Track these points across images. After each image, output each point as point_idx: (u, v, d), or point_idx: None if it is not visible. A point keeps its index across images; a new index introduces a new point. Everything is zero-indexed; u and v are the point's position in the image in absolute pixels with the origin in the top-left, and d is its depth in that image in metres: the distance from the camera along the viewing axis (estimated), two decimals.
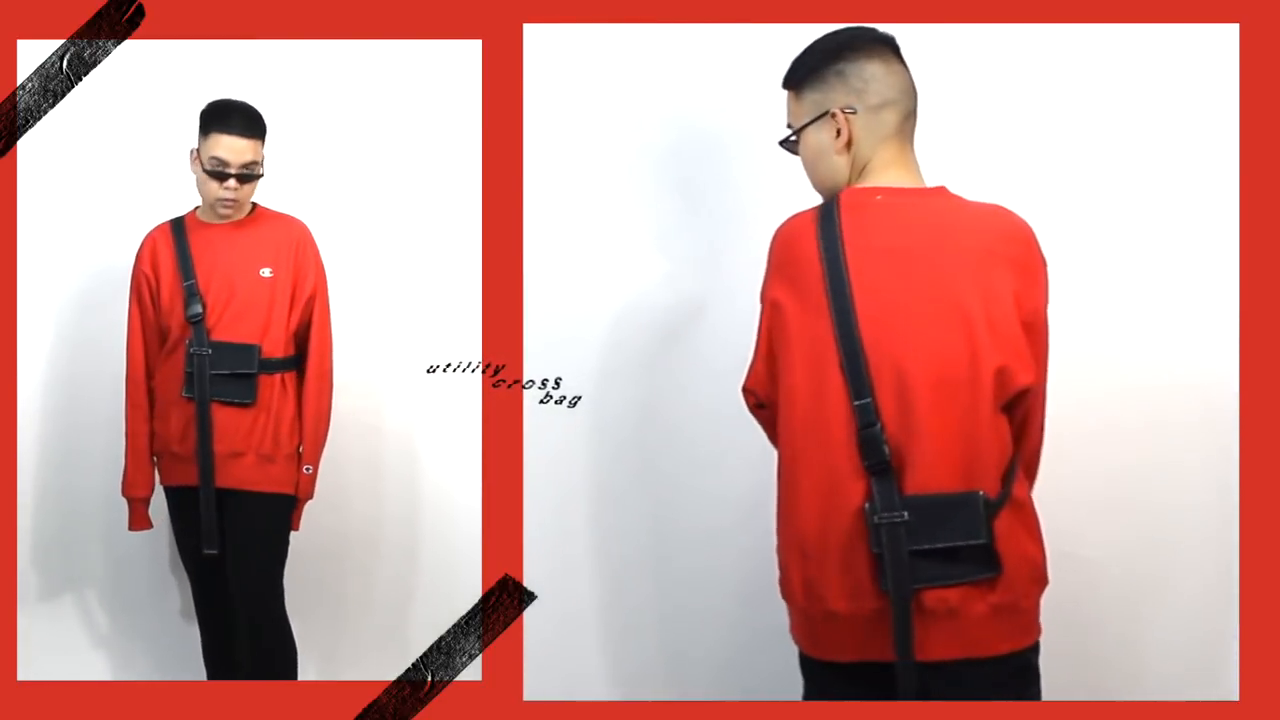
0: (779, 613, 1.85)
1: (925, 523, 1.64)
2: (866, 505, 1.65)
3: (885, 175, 1.79)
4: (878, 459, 1.65)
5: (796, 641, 1.84)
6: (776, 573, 1.81)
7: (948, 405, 1.66)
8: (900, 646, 1.64)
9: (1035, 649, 1.76)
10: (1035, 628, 1.76)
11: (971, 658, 1.66)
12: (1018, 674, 1.73)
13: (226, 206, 2.51)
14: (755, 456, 2.03)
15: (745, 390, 1.89)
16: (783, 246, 1.80)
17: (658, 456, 2.60)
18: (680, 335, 2.57)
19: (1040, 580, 1.76)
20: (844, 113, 1.79)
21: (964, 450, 1.66)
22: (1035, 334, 1.74)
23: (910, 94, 1.83)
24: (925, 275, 1.69)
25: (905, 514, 1.63)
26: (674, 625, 2.62)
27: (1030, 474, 1.85)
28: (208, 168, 2.47)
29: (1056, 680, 2.40)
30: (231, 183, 2.47)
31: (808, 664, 1.83)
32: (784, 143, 1.90)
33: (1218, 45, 2.25)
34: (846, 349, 1.67)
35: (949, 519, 1.64)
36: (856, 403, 1.66)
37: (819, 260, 1.71)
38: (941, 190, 1.79)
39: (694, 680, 2.60)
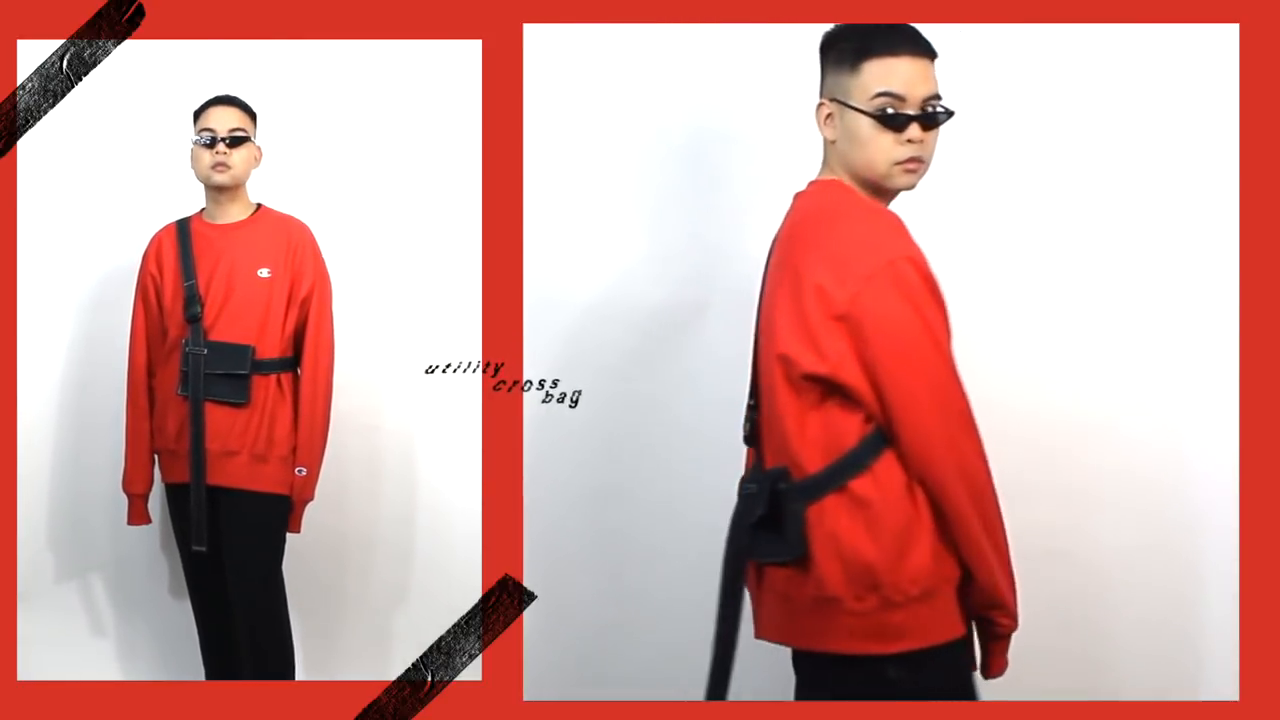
0: None
1: (759, 496, 1.72)
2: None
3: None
4: (745, 433, 1.84)
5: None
6: None
7: (766, 391, 1.74)
8: (727, 617, 1.74)
9: (903, 662, 1.62)
10: (898, 638, 1.61)
11: (806, 650, 1.72)
12: (874, 683, 1.63)
13: (220, 172, 2.51)
14: None
15: None
16: None
17: (658, 455, 2.59)
18: (680, 334, 2.57)
19: (875, 587, 1.61)
20: None
21: (778, 434, 1.71)
22: (855, 327, 1.61)
23: None
24: (774, 267, 1.79)
25: (754, 486, 1.74)
26: (674, 624, 2.62)
27: (933, 482, 1.63)
28: (198, 140, 2.51)
29: (1057, 680, 2.41)
30: (220, 147, 2.50)
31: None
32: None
33: (1218, 45, 2.25)
34: (755, 334, 1.82)
35: (761, 494, 1.72)
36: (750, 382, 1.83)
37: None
38: (828, 184, 1.77)
39: (695, 680, 2.59)
